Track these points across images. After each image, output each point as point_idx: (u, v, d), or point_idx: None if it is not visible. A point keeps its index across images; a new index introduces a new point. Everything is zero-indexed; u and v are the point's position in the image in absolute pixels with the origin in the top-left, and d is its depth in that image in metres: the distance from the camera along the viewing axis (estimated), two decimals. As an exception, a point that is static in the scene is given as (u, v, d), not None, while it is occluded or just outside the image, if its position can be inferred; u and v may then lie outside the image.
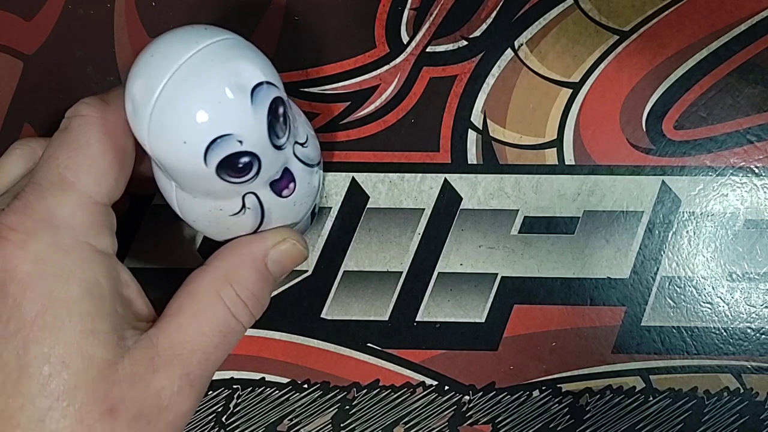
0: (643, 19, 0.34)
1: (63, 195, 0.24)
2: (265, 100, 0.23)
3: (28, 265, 0.24)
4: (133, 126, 0.23)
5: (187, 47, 0.23)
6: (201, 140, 0.22)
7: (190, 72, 0.22)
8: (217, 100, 0.22)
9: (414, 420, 0.33)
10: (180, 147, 0.23)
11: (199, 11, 0.34)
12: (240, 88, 0.23)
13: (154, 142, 0.23)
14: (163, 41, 0.23)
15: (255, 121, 0.23)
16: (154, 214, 0.34)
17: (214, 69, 0.22)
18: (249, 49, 0.24)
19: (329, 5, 0.34)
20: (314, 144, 0.29)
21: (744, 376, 0.33)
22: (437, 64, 0.34)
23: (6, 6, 0.35)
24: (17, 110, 0.34)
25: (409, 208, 0.34)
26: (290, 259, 0.28)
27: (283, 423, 0.33)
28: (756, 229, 0.34)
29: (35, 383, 0.23)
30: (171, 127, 0.22)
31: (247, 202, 0.26)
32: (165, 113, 0.22)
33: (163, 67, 0.22)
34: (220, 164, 0.23)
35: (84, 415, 0.23)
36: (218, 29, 0.24)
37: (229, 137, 0.23)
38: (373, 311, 0.34)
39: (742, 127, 0.34)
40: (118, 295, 0.25)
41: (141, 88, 0.23)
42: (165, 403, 0.25)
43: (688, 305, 0.33)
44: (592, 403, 0.33)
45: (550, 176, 0.34)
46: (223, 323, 0.26)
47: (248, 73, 0.23)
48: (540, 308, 0.33)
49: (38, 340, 0.23)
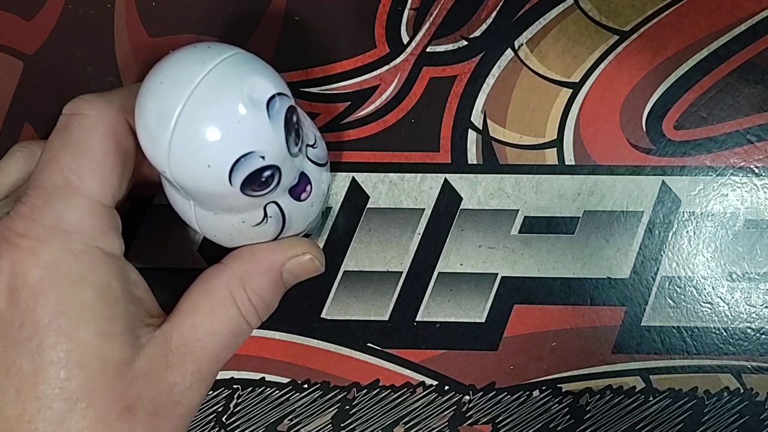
0: (643, 19, 0.34)
1: (69, 199, 0.24)
2: (280, 111, 0.23)
3: (40, 270, 0.24)
4: (151, 155, 0.23)
5: (196, 70, 0.23)
6: (225, 162, 0.23)
7: (204, 95, 0.22)
8: (236, 120, 0.22)
9: (414, 420, 0.33)
10: (204, 170, 0.23)
11: (198, 11, 0.34)
12: (256, 104, 0.23)
13: (176, 169, 0.23)
14: (169, 66, 0.23)
15: (274, 134, 0.23)
16: (154, 214, 0.34)
17: (228, 89, 0.22)
18: (256, 63, 0.24)
19: (329, 5, 0.34)
20: (321, 143, 0.29)
21: (744, 376, 0.33)
22: (437, 64, 0.34)
23: (6, 6, 0.35)
24: (17, 110, 0.34)
25: (409, 208, 0.34)
26: (306, 272, 0.29)
27: (283, 423, 0.33)
28: (756, 229, 0.34)
29: (52, 387, 0.23)
30: (193, 153, 0.22)
31: (269, 212, 0.26)
32: (185, 140, 0.22)
33: (176, 93, 0.22)
34: (245, 181, 0.23)
35: (103, 415, 0.24)
36: (220, 45, 0.24)
37: (252, 155, 0.23)
38: (373, 311, 0.34)
39: (742, 127, 0.34)
40: (130, 296, 0.25)
41: (156, 117, 0.23)
42: (178, 398, 0.25)
43: (688, 305, 0.33)
44: (592, 403, 0.33)
45: (550, 176, 0.34)
46: (234, 325, 0.27)
47: (261, 88, 0.23)
48: (540, 308, 0.33)
49: (53, 345, 0.23)
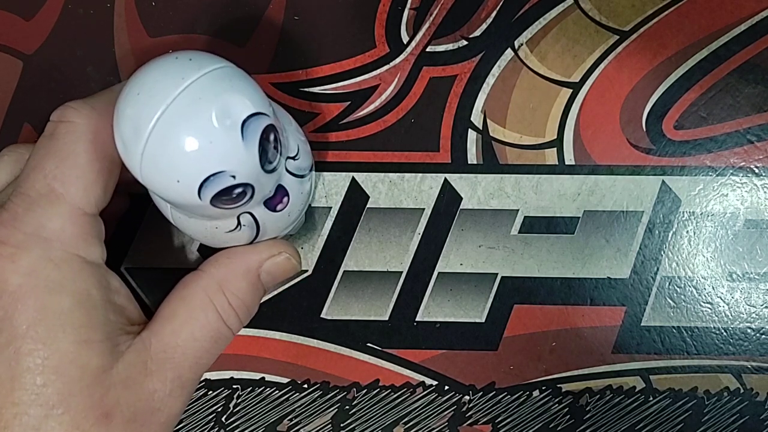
0: (643, 19, 0.34)
1: (52, 207, 0.24)
2: (255, 132, 0.23)
3: (19, 278, 0.24)
4: (126, 161, 0.23)
5: (174, 84, 0.22)
6: (194, 180, 0.23)
7: (178, 112, 0.22)
8: (208, 140, 0.22)
9: (414, 420, 0.33)
10: (174, 185, 0.23)
11: (198, 11, 0.34)
12: (229, 124, 0.22)
13: (147, 178, 0.23)
14: (148, 77, 0.23)
15: (246, 155, 0.23)
16: (154, 214, 0.34)
17: (203, 108, 0.22)
18: (236, 79, 0.24)
19: (329, 5, 0.34)
20: (305, 153, 0.28)
21: (744, 376, 0.33)
22: (437, 63, 0.34)
23: (6, 5, 0.35)
24: (17, 110, 0.34)
25: (409, 208, 0.34)
26: (283, 271, 0.29)
27: (283, 423, 0.33)
28: (756, 229, 0.34)
29: (28, 394, 0.23)
30: (163, 167, 0.22)
31: (243, 221, 0.26)
32: (156, 154, 0.22)
33: (151, 105, 0.22)
34: (215, 196, 0.23)
35: (80, 421, 0.24)
36: (204, 57, 0.24)
37: (222, 174, 0.23)
38: (373, 311, 0.34)
39: (742, 127, 0.34)
40: (110, 304, 0.25)
41: (130, 128, 0.23)
42: (157, 405, 0.25)
43: (688, 305, 0.33)
44: (592, 403, 0.33)
45: (550, 176, 0.34)
46: (214, 330, 0.27)
47: (237, 108, 0.23)
48: (540, 308, 0.33)
49: (31, 352, 0.23)
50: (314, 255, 0.34)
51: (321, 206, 0.34)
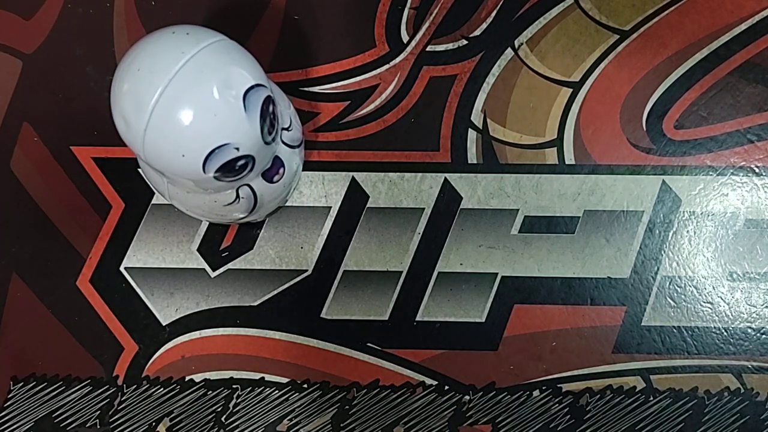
0: (643, 19, 0.34)
1: None
2: (256, 103, 0.23)
3: None
4: (126, 138, 0.23)
5: (174, 58, 0.22)
6: (199, 153, 0.23)
7: (181, 86, 0.22)
8: (212, 113, 0.22)
9: (414, 420, 0.33)
10: (178, 159, 0.23)
11: (198, 11, 0.34)
12: (232, 96, 0.23)
13: (151, 154, 0.23)
14: (147, 52, 0.23)
15: (249, 126, 0.23)
16: (154, 214, 0.34)
17: (205, 80, 0.22)
18: (235, 52, 0.24)
19: (329, 5, 0.34)
20: (296, 124, 0.29)
21: (744, 376, 0.33)
22: (437, 63, 0.34)
23: (5, 5, 0.35)
24: (16, 109, 0.34)
25: (409, 208, 0.34)
26: None
27: (282, 423, 0.33)
28: (756, 228, 0.33)
29: None
30: (168, 142, 0.23)
31: (241, 193, 0.27)
32: (160, 129, 0.22)
33: (153, 81, 0.22)
34: (218, 169, 0.23)
35: None
36: (199, 32, 0.24)
37: (226, 146, 0.23)
38: (373, 311, 0.33)
39: (742, 127, 0.34)
40: None
41: (131, 104, 0.23)
42: None
43: (688, 305, 0.33)
44: (593, 403, 0.33)
45: (550, 176, 0.34)
46: None
47: (238, 80, 0.23)
48: (540, 308, 0.33)
49: None
50: (314, 255, 0.34)
51: (321, 206, 0.34)
